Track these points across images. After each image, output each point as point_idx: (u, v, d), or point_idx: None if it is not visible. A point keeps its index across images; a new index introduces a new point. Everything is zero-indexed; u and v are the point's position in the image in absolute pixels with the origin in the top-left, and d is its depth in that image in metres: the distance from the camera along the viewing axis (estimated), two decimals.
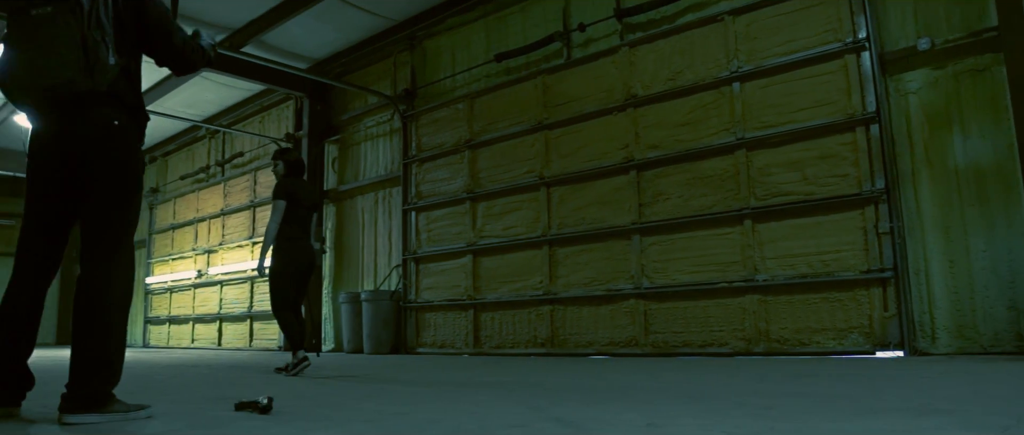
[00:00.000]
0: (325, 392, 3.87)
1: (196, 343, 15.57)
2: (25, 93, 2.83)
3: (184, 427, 2.44)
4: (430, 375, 5.33)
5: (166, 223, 17.39)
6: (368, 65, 12.12)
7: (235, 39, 11.33)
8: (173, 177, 17.49)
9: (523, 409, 2.98)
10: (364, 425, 2.50)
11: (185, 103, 14.62)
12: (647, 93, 8.30)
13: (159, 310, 17.35)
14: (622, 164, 8.38)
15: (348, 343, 10.86)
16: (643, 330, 8.00)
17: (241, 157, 14.92)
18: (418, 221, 10.71)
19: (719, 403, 3.10)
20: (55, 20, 2.81)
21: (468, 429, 2.40)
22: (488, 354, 9.40)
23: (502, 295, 9.44)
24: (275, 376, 5.40)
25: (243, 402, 2.93)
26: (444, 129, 10.53)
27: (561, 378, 4.85)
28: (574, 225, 8.81)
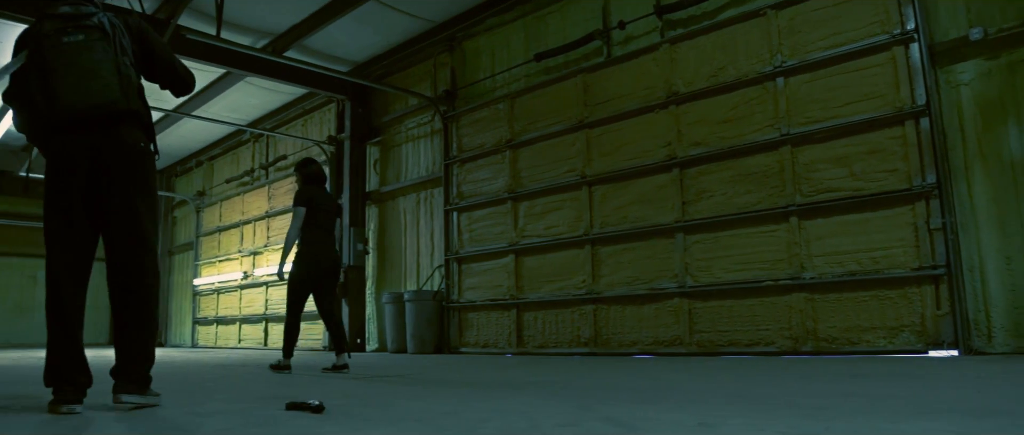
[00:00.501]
0: (373, 392, 3.91)
1: (243, 343, 15.84)
2: (73, 112, 3.05)
3: (239, 426, 2.49)
4: (476, 375, 5.35)
5: (213, 226, 17.71)
6: (408, 67, 12.21)
7: (278, 44, 11.51)
8: (219, 180, 17.81)
9: (572, 408, 2.97)
10: (414, 424, 2.52)
11: (229, 108, 14.88)
12: (689, 90, 8.23)
13: (207, 311, 17.68)
14: (664, 162, 8.33)
15: (392, 343, 10.96)
16: (687, 329, 7.93)
17: (284, 160, 15.13)
18: (460, 221, 10.76)
19: (769, 402, 3.06)
20: (92, 47, 3.10)
21: (518, 428, 2.40)
22: (531, 354, 9.40)
23: (544, 294, 9.43)
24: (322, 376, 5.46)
25: (294, 402, 2.97)
26: (485, 129, 10.56)
27: (607, 377, 4.83)
28: (616, 224, 8.77)
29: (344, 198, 12.62)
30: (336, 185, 13.08)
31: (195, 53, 10.71)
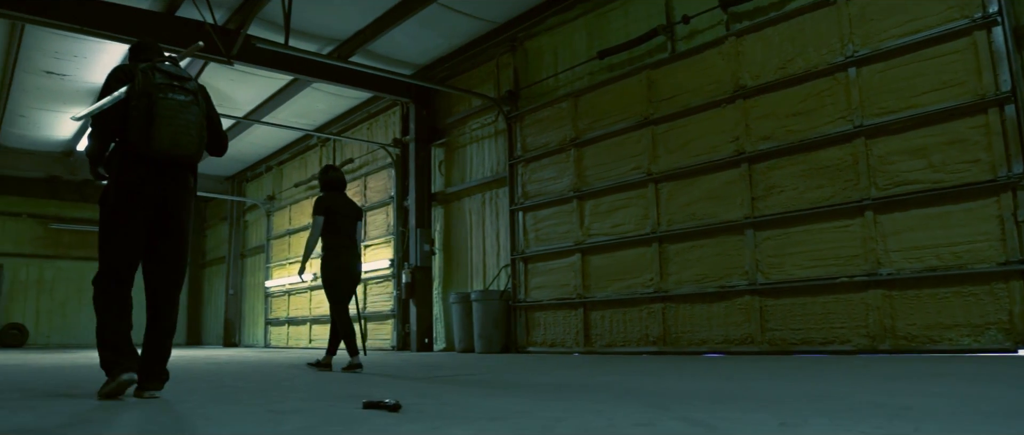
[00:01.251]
0: (447, 391, 3.94)
1: (313, 343, 16.18)
2: (164, 155, 3.79)
3: (320, 423, 2.54)
4: (546, 374, 5.35)
5: (283, 229, 18.14)
6: (471, 68, 12.28)
7: (343, 49, 11.72)
8: (288, 185, 18.22)
9: (647, 408, 2.95)
10: (491, 422, 2.53)
11: (297, 114, 15.22)
12: (756, 83, 8.07)
13: (278, 312, 18.11)
14: (732, 157, 8.18)
15: (459, 342, 11.04)
16: (759, 327, 7.78)
17: (351, 163, 15.39)
18: (525, 221, 10.78)
19: (851, 402, 2.97)
20: (189, 108, 3.89)
21: (595, 427, 2.39)
22: (599, 353, 9.36)
23: (612, 293, 9.38)
24: (392, 375, 5.54)
25: (371, 401, 3.02)
26: (549, 129, 10.56)
27: (679, 377, 4.78)
28: (684, 221, 8.66)
29: (410, 199, 12.78)
30: (401, 187, 13.26)
31: (264, 61, 11.00)
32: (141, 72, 3.82)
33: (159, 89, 3.79)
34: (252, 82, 13.51)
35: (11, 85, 13.62)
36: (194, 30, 10.25)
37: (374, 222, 14.29)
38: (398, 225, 13.25)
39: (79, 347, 19.01)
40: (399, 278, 12.86)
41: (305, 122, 15.85)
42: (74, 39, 11.67)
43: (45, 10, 9.42)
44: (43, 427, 2.54)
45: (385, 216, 13.92)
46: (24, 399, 3.69)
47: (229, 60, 10.28)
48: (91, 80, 13.47)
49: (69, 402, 3.49)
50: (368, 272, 14.15)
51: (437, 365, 7.07)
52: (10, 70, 12.87)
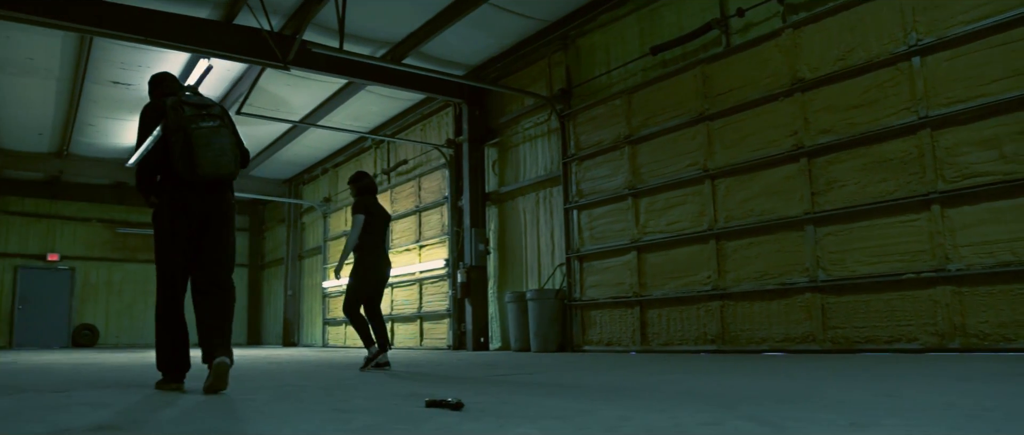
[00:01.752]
0: (506, 390, 3.95)
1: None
2: (206, 178, 4.21)
3: (385, 422, 2.57)
4: (605, 372, 5.33)
5: (338, 230, 18.42)
6: (523, 67, 12.30)
7: (396, 52, 11.84)
8: (342, 187, 18.49)
9: (711, 407, 2.91)
10: (555, 422, 2.53)
11: (351, 116, 15.44)
12: (815, 76, 7.90)
13: (336, 312, 18.40)
14: (791, 152, 8.03)
15: (515, 341, 11.06)
16: (821, 325, 7.62)
17: (405, 164, 15.55)
18: (580, 219, 10.75)
19: (923, 402, 2.89)
20: (220, 131, 4.27)
21: (660, 427, 2.37)
22: (656, 351, 9.28)
23: (669, 291, 9.29)
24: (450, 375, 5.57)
25: (434, 400, 3.05)
26: (602, 126, 10.50)
27: (741, 375, 4.71)
28: (742, 217, 8.53)
29: (464, 199, 12.85)
30: (455, 187, 13.34)
31: (319, 66, 11.18)
32: (171, 109, 4.23)
33: (190, 121, 4.20)
34: (307, 86, 13.74)
35: (81, 96, 14.11)
36: (252, 37, 10.48)
37: (428, 222, 14.42)
38: (453, 225, 13.34)
39: (147, 347, 19.61)
40: (454, 278, 12.95)
41: (359, 125, 16.07)
42: (138, 50, 12.04)
43: (112, 23, 9.73)
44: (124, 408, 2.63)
45: (439, 216, 14.02)
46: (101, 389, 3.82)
47: (286, 65, 10.47)
48: None
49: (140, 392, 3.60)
50: (424, 272, 14.28)
51: (494, 364, 7.10)
52: (80, 82, 13.33)
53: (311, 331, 20.12)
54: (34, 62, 12.65)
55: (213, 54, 10.59)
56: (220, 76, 13.24)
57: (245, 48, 10.55)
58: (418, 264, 14.47)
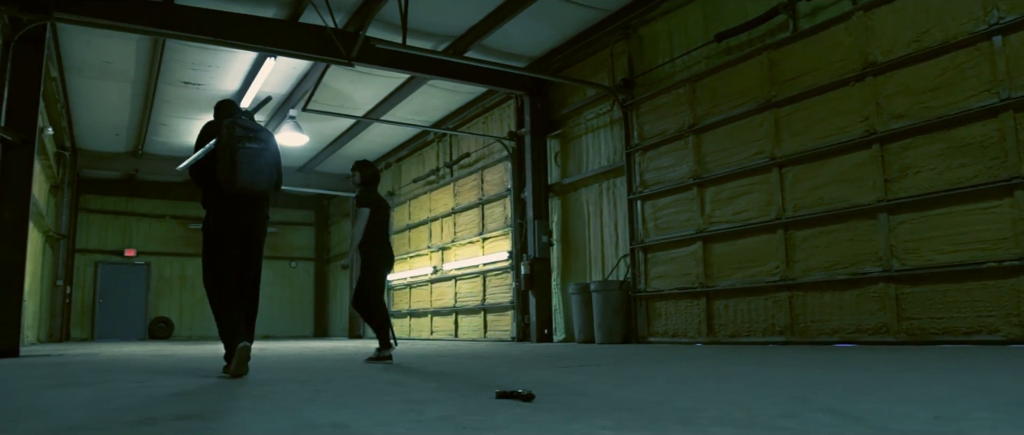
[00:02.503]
0: (575, 381, 3.95)
1: (434, 335, 16.58)
2: (245, 191, 4.89)
3: (458, 413, 2.59)
4: (673, 364, 5.28)
5: (402, 224, 18.66)
6: (585, 58, 12.23)
7: (457, 46, 11.90)
8: (406, 181, 18.72)
9: (786, 399, 2.86)
10: (628, 414, 2.52)
11: (414, 111, 15.60)
12: (888, 59, 7.65)
13: (400, 305, 18.66)
14: (862, 138, 7.80)
15: (579, 333, 11.04)
16: (895, 316, 7.40)
17: (468, 157, 15.65)
18: (644, 210, 10.65)
19: (1013, 396, 2.78)
20: (261, 154, 4.94)
21: (735, 418, 2.34)
22: (723, 343, 9.15)
23: (735, 282, 9.14)
24: (516, 367, 5.59)
25: (504, 391, 3.07)
26: (666, 116, 10.38)
27: (813, 367, 4.61)
28: (811, 206, 8.33)
29: (527, 191, 12.87)
30: (518, 179, 13.36)
31: (382, 61, 11.32)
32: (226, 127, 4.89)
33: (239, 141, 4.85)
34: (371, 82, 13.93)
35: (154, 96, 14.59)
36: (316, 35, 10.67)
37: (491, 215, 14.49)
38: (515, 217, 13.37)
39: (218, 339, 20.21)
40: (518, 270, 12.99)
41: (422, 119, 16.23)
42: (208, 50, 12.39)
43: (183, 25, 10.03)
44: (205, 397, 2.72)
45: (502, 209, 14.07)
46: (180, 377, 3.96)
47: (350, 62, 10.63)
48: (224, 88, 14.25)
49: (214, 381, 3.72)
50: (487, 264, 14.37)
51: (560, 356, 7.10)
52: (153, 83, 13.79)
53: None
54: (111, 65, 13.13)
55: (279, 52, 10.82)
56: (285, 74, 13.53)
57: (310, 46, 10.76)
58: (482, 257, 14.56)
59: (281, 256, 24.51)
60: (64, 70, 13.22)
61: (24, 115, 8.66)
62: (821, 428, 2.12)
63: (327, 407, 2.85)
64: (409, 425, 2.31)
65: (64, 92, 14.22)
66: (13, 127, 8.44)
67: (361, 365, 5.97)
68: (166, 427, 2.35)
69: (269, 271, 24.08)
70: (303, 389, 3.68)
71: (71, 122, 16.39)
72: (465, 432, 2.14)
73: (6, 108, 8.19)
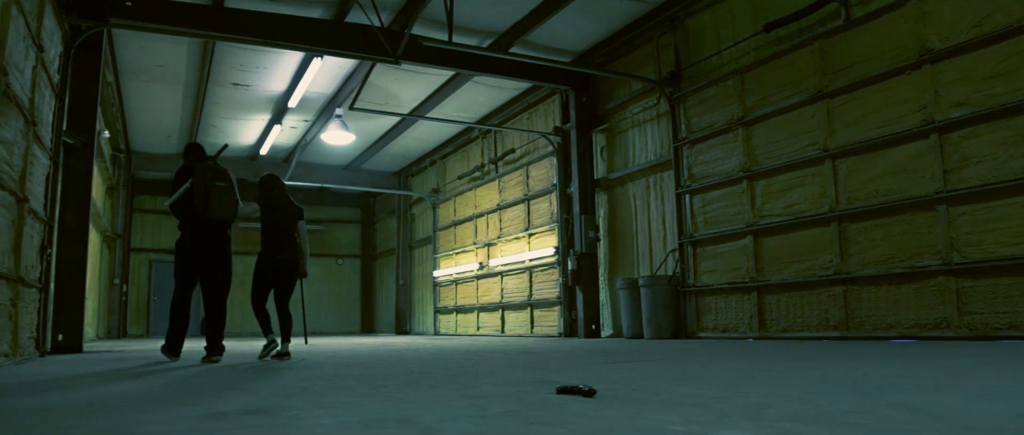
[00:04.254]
0: (632, 376, 3.92)
1: (481, 330, 16.63)
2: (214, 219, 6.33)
3: (522, 409, 2.59)
4: (728, 359, 5.21)
5: (448, 220, 18.75)
6: (630, 52, 12.14)
7: (502, 42, 11.90)
8: (451, 177, 18.80)
9: (853, 394, 2.79)
10: (692, 409, 2.49)
11: (458, 108, 15.65)
12: (946, 45, 7.44)
13: (446, 301, 18.76)
14: (919, 128, 7.60)
15: (628, 328, 10.97)
16: (955, 310, 7.20)
17: (512, 153, 15.65)
18: (693, 204, 10.54)
19: None
20: (228, 191, 6.33)
21: (805, 414, 2.29)
22: (774, 338, 9.01)
23: (787, 276, 9.00)
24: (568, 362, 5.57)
25: (565, 386, 3.05)
26: (714, 108, 10.25)
27: (873, 363, 4.50)
28: (865, 198, 8.15)
29: (573, 187, 12.83)
30: (564, 174, 13.33)
31: (428, 58, 11.38)
32: (198, 170, 6.26)
33: (211, 180, 6.25)
34: (415, 80, 14.02)
35: (204, 98, 14.88)
36: (362, 34, 10.76)
37: (537, 210, 14.48)
38: (562, 213, 13.34)
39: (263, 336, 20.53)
40: (565, 265, 12.96)
41: (466, 116, 16.28)
42: (256, 52, 12.58)
43: (233, 28, 10.20)
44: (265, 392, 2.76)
45: (548, 204, 14.05)
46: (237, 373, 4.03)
47: (396, 60, 10.71)
48: (271, 89, 14.47)
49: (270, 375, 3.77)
50: (534, 260, 14.37)
51: (610, 351, 7.06)
52: (203, 85, 14.06)
53: (422, 319, 20.60)
54: (164, 69, 13.42)
55: (326, 52, 10.94)
56: (332, 73, 13.68)
57: (356, 45, 10.86)
58: (528, 252, 14.56)
59: (328, 253, 24.81)
60: (119, 74, 13.55)
61: (83, 119, 8.90)
62: (897, 425, 2.07)
63: (388, 403, 2.87)
64: (475, 420, 2.31)
65: (119, 96, 14.58)
66: (73, 131, 8.68)
67: (414, 361, 6.00)
68: (235, 422, 2.38)
69: (316, 268, 24.43)
70: (361, 385, 3.71)
71: (125, 125, 16.81)
72: (532, 428, 2.14)
73: (67, 112, 8.42)
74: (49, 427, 2.32)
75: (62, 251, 8.40)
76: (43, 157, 7.29)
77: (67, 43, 8.55)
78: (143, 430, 2.21)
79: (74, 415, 2.62)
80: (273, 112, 16.10)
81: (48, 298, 7.84)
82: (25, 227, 6.36)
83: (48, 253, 7.69)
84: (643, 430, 2.05)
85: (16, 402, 3.12)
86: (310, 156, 19.98)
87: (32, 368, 5.61)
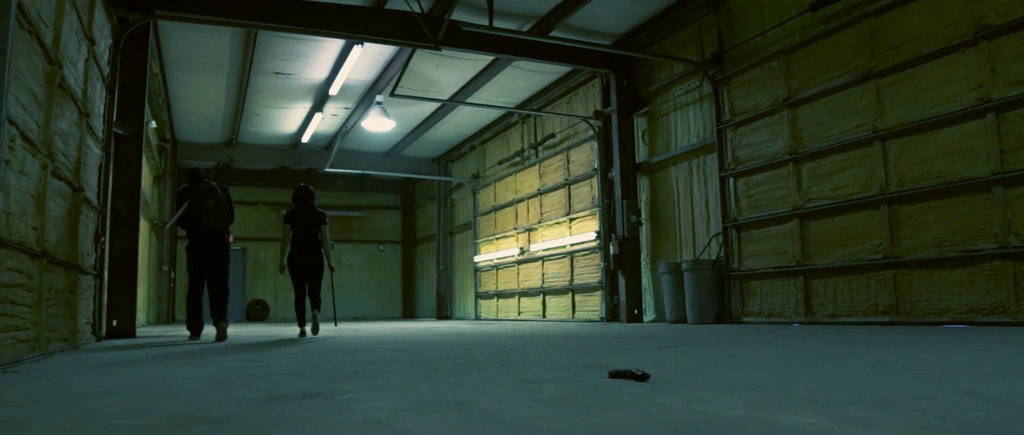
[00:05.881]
0: (682, 361, 3.89)
1: (522, 315, 16.66)
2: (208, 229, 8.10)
3: (577, 393, 2.58)
4: (776, 345, 5.15)
5: (488, 206, 18.77)
6: (672, 33, 11.98)
7: (541, 25, 11.83)
8: (491, 163, 18.81)
9: (914, 380, 2.73)
10: (751, 393, 2.46)
11: (498, 93, 15.62)
12: (1004, 20, 7.21)
13: (487, 286, 18.82)
14: (975, 107, 7.39)
15: (671, 313, 10.91)
16: (1013, 295, 7.02)
17: (553, 138, 15.59)
18: (737, 187, 10.40)
19: None
20: (218, 205, 8.13)
21: (869, 399, 2.25)
22: (821, 323, 8.88)
23: (835, 260, 8.84)
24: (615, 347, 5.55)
25: (617, 371, 3.03)
26: (758, 90, 10.09)
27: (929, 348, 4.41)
28: (917, 180, 7.96)
29: (614, 171, 12.75)
30: (605, 159, 13.25)
31: (468, 44, 11.36)
32: (192, 193, 8.17)
33: (202, 199, 8.11)
34: (455, 65, 14.02)
35: (247, 88, 15.07)
36: (402, 20, 10.78)
37: (578, 195, 14.42)
38: (603, 197, 13.26)
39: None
40: (606, 250, 12.90)
41: (506, 101, 16.24)
42: (298, 40, 12.69)
43: (276, 17, 10.30)
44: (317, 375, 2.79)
45: (589, 189, 13.98)
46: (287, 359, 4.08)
47: (437, 45, 10.71)
48: (312, 77, 14.59)
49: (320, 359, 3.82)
50: (575, 245, 14.34)
51: (656, 336, 7.02)
52: (246, 74, 14.23)
53: (463, 304, 20.70)
54: (207, 59, 13.61)
55: (367, 39, 10.99)
56: (372, 60, 13.74)
57: (397, 31, 10.88)
58: (569, 237, 14.53)
59: (369, 240, 25.06)
60: (164, 65, 13.77)
61: (132, 110, 9.08)
62: (966, 411, 2.02)
63: (442, 387, 2.88)
64: (532, 404, 2.31)
65: (164, 86, 14.83)
66: (123, 122, 8.85)
67: (461, 346, 6.03)
68: (293, 405, 2.41)
69: (358, 254, 24.70)
70: (411, 369, 3.73)
71: (171, 115, 17.11)
72: (591, 412, 2.13)
73: (117, 104, 8.59)
74: (118, 408, 2.38)
75: (115, 239, 8.59)
76: (96, 148, 7.45)
77: (116, 36, 8.70)
78: (207, 414, 2.25)
79: (138, 397, 2.68)
80: (314, 100, 16.24)
81: (103, 285, 8.04)
82: (80, 216, 6.51)
83: (102, 241, 7.88)
84: (704, 414, 2.03)
85: (83, 385, 3.21)
86: (351, 143, 20.15)
87: (91, 352, 5.76)
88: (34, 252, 4.86)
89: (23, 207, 4.58)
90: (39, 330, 5.06)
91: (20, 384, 3.30)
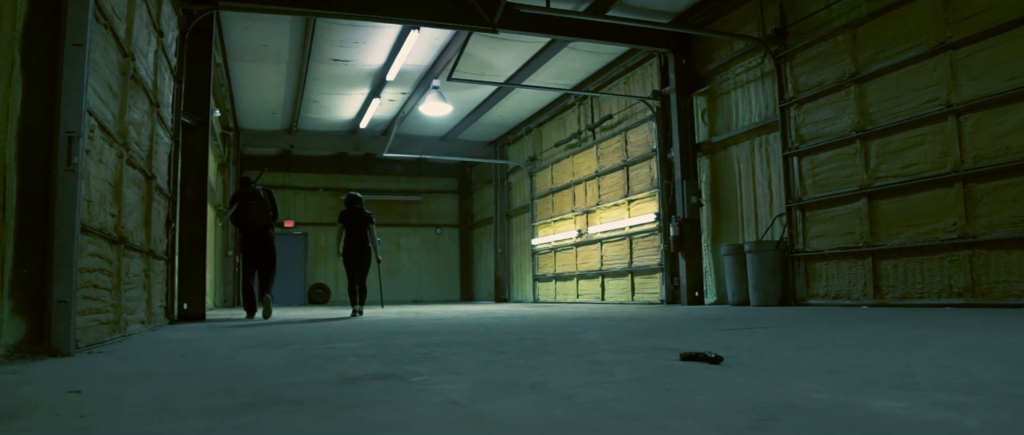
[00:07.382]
0: (752, 344, 3.82)
1: (581, 298, 16.62)
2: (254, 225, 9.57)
3: (650, 375, 2.56)
4: (847, 327, 5.03)
5: (545, 188, 18.73)
6: (731, 10, 11.72)
7: (598, 5, 11.70)
8: (548, 145, 18.74)
9: (1004, 364, 2.64)
10: (830, 376, 2.40)
11: (554, 75, 15.53)
12: None
13: (545, 268, 18.81)
14: None
15: (733, 295, 10.75)
16: None
17: (610, 119, 15.46)
18: (801, 166, 10.16)
19: None
20: (261, 205, 9.60)
21: (959, 384, 2.17)
22: (891, 305, 8.64)
23: (905, 240, 8.58)
24: (679, 330, 5.49)
25: (689, 353, 3.00)
26: (823, 65, 9.81)
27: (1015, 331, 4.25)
28: (994, 156, 7.66)
29: (674, 151, 12.57)
30: (664, 139, 13.08)
31: (524, 26, 11.31)
32: (238, 197, 9.58)
33: (246, 201, 9.49)
34: (510, 48, 13.98)
35: (306, 75, 15.30)
36: (458, 4, 10.78)
37: (637, 177, 14.28)
38: (662, 178, 13.11)
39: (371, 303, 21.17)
40: (666, 231, 12.77)
41: (562, 82, 16.14)
42: (355, 27, 12.80)
43: (332, 4, 10.42)
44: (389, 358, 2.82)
45: (648, 170, 13.83)
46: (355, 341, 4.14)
47: (494, 28, 10.69)
48: (370, 63, 14.73)
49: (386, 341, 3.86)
50: (634, 226, 14.22)
51: (719, 318, 6.92)
52: (305, 62, 14.44)
53: (521, 287, 20.76)
54: (268, 48, 13.84)
55: (424, 24, 11.02)
56: (428, 45, 13.79)
57: (453, 15, 10.89)
58: (627, 219, 14.42)
59: (427, 223, 25.27)
60: (227, 55, 14.06)
61: (198, 99, 9.30)
62: None
63: (513, 369, 2.88)
64: (607, 387, 2.30)
65: (227, 76, 15.15)
66: (189, 111, 9.08)
67: (523, 329, 6.04)
68: (368, 387, 2.44)
69: (416, 238, 24.94)
70: (479, 352, 3.75)
71: (234, 104, 17.48)
72: (669, 394, 2.10)
73: (184, 94, 8.81)
74: (206, 387, 2.44)
75: (184, 225, 8.83)
76: (165, 137, 7.65)
77: (182, 28, 8.91)
78: (286, 394, 2.29)
79: (222, 378, 2.75)
80: (372, 86, 16.40)
81: (174, 269, 8.28)
82: (153, 203, 6.71)
83: (173, 227, 8.11)
84: (786, 397, 1.99)
85: (163, 367, 3.31)
86: (408, 128, 20.30)
87: (167, 334, 5.95)
88: (112, 238, 5.02)
89: (102, 195, 4.73)
90: (118, 313, 5.24)
91: (108, 364, 3.42)
